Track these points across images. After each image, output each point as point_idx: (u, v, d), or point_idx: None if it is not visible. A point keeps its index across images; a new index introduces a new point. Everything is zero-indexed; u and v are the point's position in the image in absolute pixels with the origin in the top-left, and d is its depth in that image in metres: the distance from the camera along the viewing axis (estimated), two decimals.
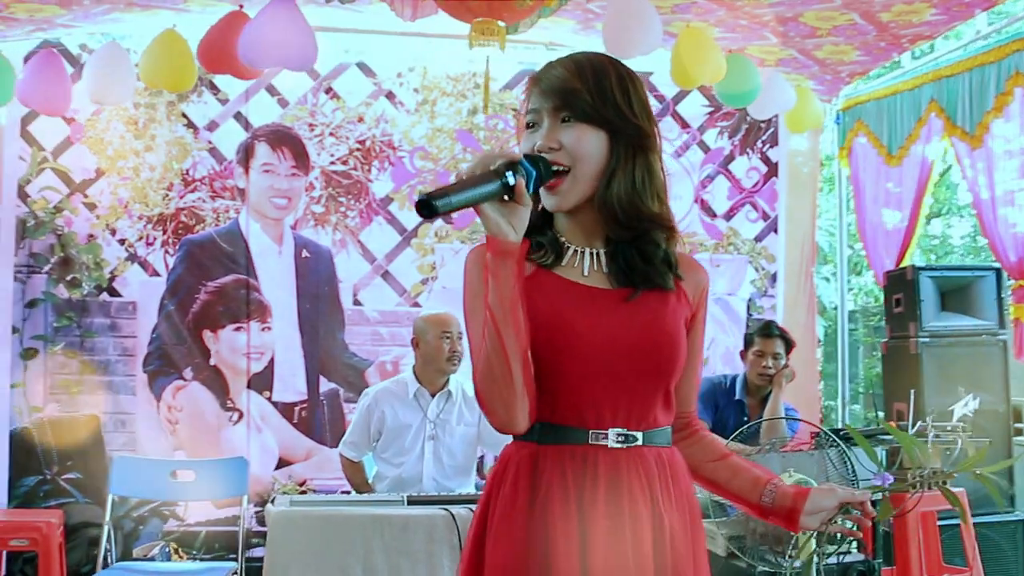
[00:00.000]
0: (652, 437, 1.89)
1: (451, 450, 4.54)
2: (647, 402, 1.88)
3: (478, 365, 1.80)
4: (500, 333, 1.75)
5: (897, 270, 5.57)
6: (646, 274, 1.89)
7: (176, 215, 5.69)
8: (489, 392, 1.79)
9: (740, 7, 4.95)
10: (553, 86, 1.87)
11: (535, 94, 1.90)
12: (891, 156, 5.76)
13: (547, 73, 1.90)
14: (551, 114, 1.87)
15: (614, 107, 1.87)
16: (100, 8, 5.03)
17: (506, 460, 1.91)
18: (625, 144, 1.88)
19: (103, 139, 5.63)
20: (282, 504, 3.84)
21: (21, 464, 5.44)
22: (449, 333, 4.52)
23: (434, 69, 5.95)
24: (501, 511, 1.87)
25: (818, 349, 8.57)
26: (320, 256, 5.83)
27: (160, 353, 5.63)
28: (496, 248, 1.74)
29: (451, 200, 1.67)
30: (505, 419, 1.81)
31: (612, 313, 1.86)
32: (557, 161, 1.84)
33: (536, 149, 1.85)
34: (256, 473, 5.50)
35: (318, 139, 5.84)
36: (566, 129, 1.86)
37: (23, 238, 5.53)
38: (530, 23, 4.02)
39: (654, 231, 1.90)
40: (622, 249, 1.90)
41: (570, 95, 1.85)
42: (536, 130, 1.88)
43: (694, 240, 6.18)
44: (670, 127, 6.19)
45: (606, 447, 1.85)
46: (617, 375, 1.85)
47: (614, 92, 1.87)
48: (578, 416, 1.85)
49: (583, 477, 1.83)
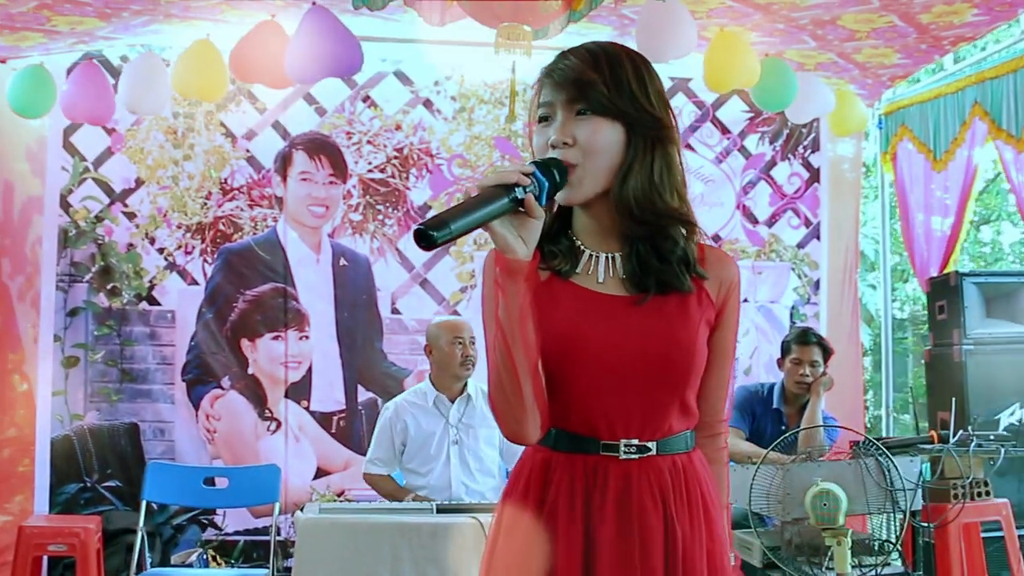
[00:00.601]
0: (667, 445, 1.86)
1: (476, 453, 4.53)
2: (661, 412, 1.85)
3: (491, 377, 1.78)
4: (510, 348, 1.73)
5: (940, 276, 5.47)
6: (662, 275, 1.84)
7: (214, 224, 5.73)
8: (500, 404, 1.79)
9: (777, 11, 4.89)
10: (567, 77, 1.81)
11: (548, 86, 1.84)
12: (937, 160, 5.65)
13: (560, 64, 1.84)
14: (565, 107, 1.81)
15: (631, 98, 1.81)
16: (139, 20, 5.08)
17: (523, 463, 1.91)
18: (643, 136, 1.82)
19: (143, 149, 5.69)
20: (311, 512, 3.85)
21: (62, 471, 5.51)
22: (461, 338, 4.53)
23: (471, 77, 5.94)
24: (511, 514, 1.88)
25: (866, 358, 8.49)
26: (358, 264, 5.84)
27: (198, 362, 5.67)
28: (505, 265, 1.70)
29: (451, 228, 1.58)
30: (516, 430, 1.80)
31: (625, 322, 1.83)
32: (568, 160, 1.79)
33: (550, 143, 1.81)
34: (294, 483, 5.53)
35: (356, 147, 5.86)
36: (581, 123, 1.81)
37: (65, 247, 5.61)
38: (559, 27, 3.99)
39: (672, 227, 1.85)
40: (638, 250, 1.85)
41: (585, 87, 1.80)
42: (549, 124, 1.83)
43: (736, 247, 6.13)
44: (710, 133, 6.15)
45: (617, 458, 1.83)
46: (629, 386, 1.82)
47: (630, 82, 1.82)
48: (590, 426, 1.83)
49: (592, 488, 1.82)
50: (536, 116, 1.87)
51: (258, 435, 5.68)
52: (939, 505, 4.12)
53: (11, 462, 5.44)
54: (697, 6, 4.85)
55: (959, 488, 4.09)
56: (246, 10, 4.95)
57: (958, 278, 5.19)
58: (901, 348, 9.19)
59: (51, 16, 4.91)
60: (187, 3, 4.87)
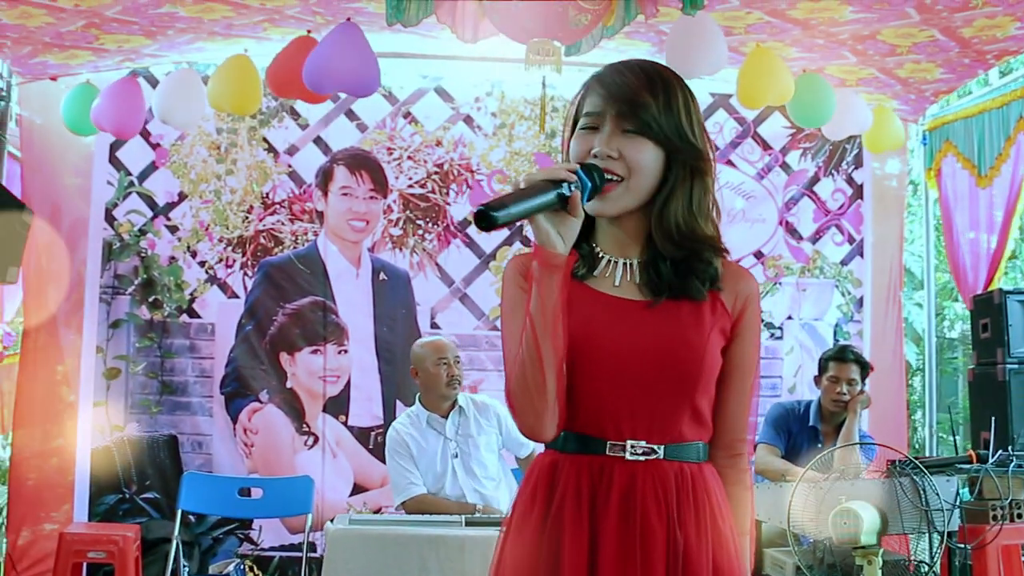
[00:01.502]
0: (676, 452, 1.87)
1: (479, 460, 4.54)
2: (670, 415, 1.86)
3: (513, 371, 1.81)
4: (539, 343, 1.77)
5: (984, 294, 5.38)
6: (677, 286, 1.88)
7: (255, 237, 5.80)
8: (521, 399, 1.81)
9: (815, 26, 4.86)
10: (623, 93, 1.85)
11: (598, 95, 1.87)
12: (981, 177, 5.56)
13: (616, 78, 1.87)
14: (614, 121, 1.85)
15: (677, 127, 1.86)
16: (184, 38, 5.18)
17: (532, 468, 1.95)
18: (683, 164, 1.87)
19: (186, 163, 5.78)
20: (341, 523, 3.87)
21: (102, 482, 5.57)
22: (446, 359, 4.56)
23: (511, 93, 5.97)
24: (519, 516, 1.90)
25: (915, 377, 8.37)
26: (397, 279, 5.87)
27: (237, 375, 5.71)
28: (544, 259, 1.75)
29: (510, 211, 1.67)
30: (534, 425, 1.83)
31: (637, 324, 1.86)
32: (612, 170, 1.83)
33: (593, 154, 1.84)
34: (330, 499, 5.53)
35: (396, 163, 5.90)
36: (628, 140, 1.84)
37: (109, 260, 5.70)
38: (592, 42, 4.00)
39: (706, 251, 1.89)
40: (659, 259, 1.89)
41: (639, 107, 1.84)
42: (593, 133, 1.86)
43: (780, 263, 6.08)
44: (751, 149, 6.11)
45: (623, 459, 1.85)
46: (639, 386, 1.84)
47: (680, 111, 1.87)
48: (598, 426, 1.86)
49: (598, 488, 1.84)
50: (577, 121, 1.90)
51: (295, 449, 5.70)
52: (977, 526, 4.04)
53: (58, 472, 5.54)
54: (735, 22, 4.84)
55: (998, 509, 4.02)
56: (288, 27, 5.02)
57: (1002, 296, 5.10)
58: (951, 368, 9.03)
59: (99, 35, 5.02)
60: (230, 21, 4.95)
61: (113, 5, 4.64)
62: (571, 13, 3.45)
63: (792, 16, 4.77)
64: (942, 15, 4.63)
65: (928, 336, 6.36)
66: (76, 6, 4.62)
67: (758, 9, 4.72)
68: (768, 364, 6.05)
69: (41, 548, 5.35)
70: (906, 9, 4.61)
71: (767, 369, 6.04)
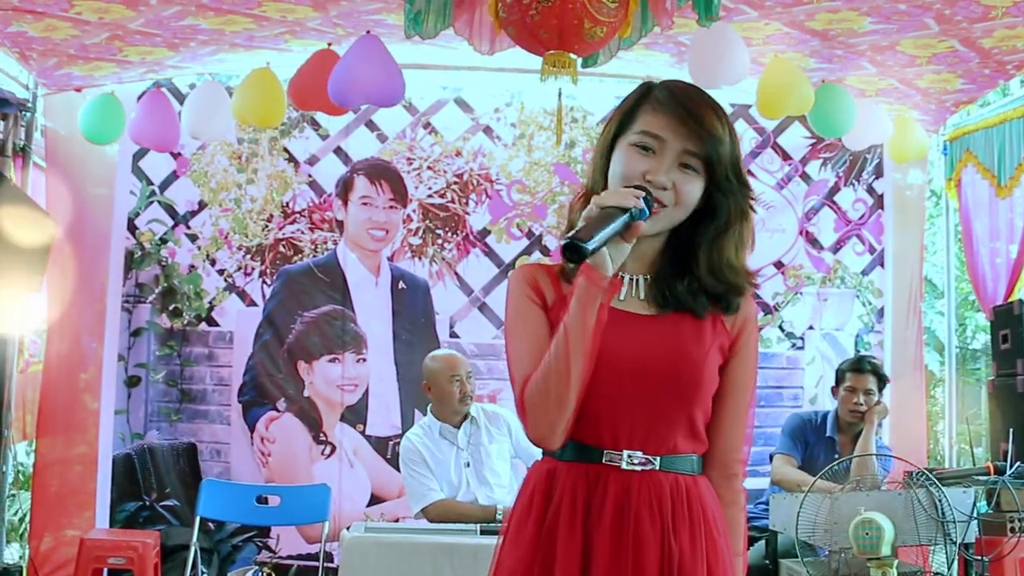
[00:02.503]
0: (671, 463, 1.89)
1: (492, 469, 4.56)
2: (667, 427, 1.89)
3: (532, 380, 1.82)
4: (570, 357, 1.78)
5: (1004, 305, 5.35)
6: (683, 301, 1.91)
7: (275, 246, 5.83)
8: (540, 408, 1.82)
9: (834, 36, 4.86)
10: (693, 130, 1.85)
11: (664, 117, 1.86)
12: (1001, 187, 5.54)
13: (684, 109, 1.86)
14: (677, 151, 1.85)
15: (735, 167, 1.89)
16: (206, 49, 5.23)
17: (531, 474, 1.97)
18: (736, 203, 1.89)
19: (207, 172, 5.83)
20: (356, 531, 3.89)
21: (123, 489, 5.63)
22: (458, 375, 4.59)
23: (531, 104, 5.99)
24: (515, 522, 1.93)
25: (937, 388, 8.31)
26: (417, 288, 5.89)
27: (255, 383, 5.74)
28: (593, 279, 1.78)
29: (597, 240, 1.70)
30: (546, 435, 1.85)
31: (638, 336, 1.88)
32: (660, 200, 1.84)
33: (647, 178, 1.84)
34: (347, 509, 5.52)
35: (416, 172, 5.93)
36: (683, 175, 1.86)
37: (130, 269, 5.76)
38: (609, 54, 4.01)
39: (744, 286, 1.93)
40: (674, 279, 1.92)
41: (705, 145, 1.85)
42: (648, 155, 1.86)
43: (801, 273, 6.07)
44: (771, 159, 6.11)
45: (619, 468, 1.87)
46: (638, 398, 1.87)
47: (737, 151, 1.90)
48: (596, 436, 1.88)
49: (593, 497, 1.86)
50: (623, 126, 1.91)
51: (312, 459, 5.71)
52: (994, 538, 4.02)
53: (81, 479, 5.59)
54: (754, 33, 4.85)
55: (1016, 521, 3.99)
56: (309, 39, 5.07)
57: (1021, 307, 5.08)
58: (974, 379, 8.96)
59: (122, 47, 5.08)
60: (252, 33, 5.00)
61: (136, 18, 4.70)
62: (586, 26, 3.46)
63: (811, 27, 4.77)
64: (961, 26, 4.62)
65: (948, 346, 6.32)
66: (100, 19, 4.68)
67: (776, 20, 4.72)
68: (789, 374, 6.04)
69: (63, 554, 5.39)
70: (925, 20, 4.60)
71: (788, 380, 6.03)
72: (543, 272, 1.96)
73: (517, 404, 1.87)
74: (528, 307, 1.91)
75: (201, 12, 4.70)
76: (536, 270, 1.97)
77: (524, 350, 1.88)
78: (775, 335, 6.03)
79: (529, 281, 1.93)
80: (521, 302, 1.92)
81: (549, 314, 1.90)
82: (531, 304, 1.91)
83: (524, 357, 1.87)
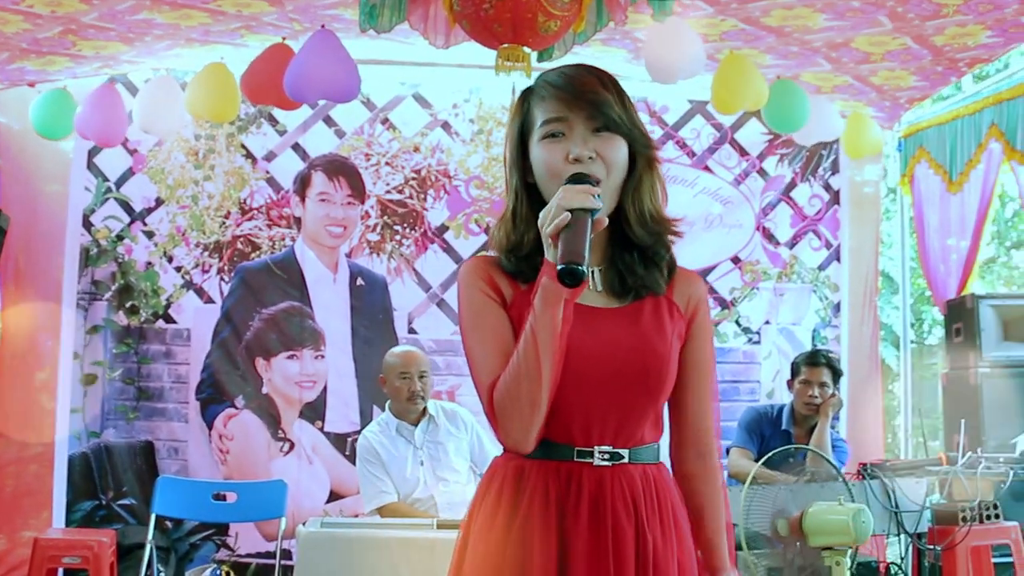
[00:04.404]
0: (639, 455, 1.89)
1: (450, 467, 4.54)
2: (635, 421, 1.88)
3: (502, 384, 1.79)
4: (540, 359, 1.75)
5: (957, 299, 5.42)
6: (640, 282, 1.90)
7: (232, 243, 5.80)
8: (512, 412, 1.79)
9: (789, 33, 4.90)
10: (584, 95, 1.85)
11: (558, 100, 1.86)
12: (952, 182, 5.61)
13: (571, 82, 1.87)
14: (584, 122, 1.85)
15: (631, 119, 1.88)
16: (161, 44, 5.19)
17: (492, 472, 1.93)
18: (643, 154, 1.90)
19: (164, 169, 5.79)
20: (313, 526, 3.87)
21: (79, 488, 5.57)
22: (408, 374, 4.55)
23: (489, 99, 5.99)
24: (481, 522, 1.89)
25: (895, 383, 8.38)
26: (375, 284, 5.87)
27: (212, 381, 5.69)
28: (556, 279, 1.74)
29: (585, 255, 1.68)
30: (520, 439, 1.82)
31: (603, 332, 1.87)
32: (593, 174, 1.83)
33: (572, 157, 1.83)
34: (307, 506, 5.49)
35: (374, 168, 5.92)
36: (601, 140, 1.85)
37: (86, 266, 5.70)
38: (564, 48, 4.02)
39: (669, 234, 1.93)
40: (622, 260, 1.91)
41: (603, 105, 1.85)
42: (561, 140, 1.85)
43: (757, 268, 6.11)
44: (729, 155, 6.14)
45: (591, 464, 1.85)
46: (606, 393, 1.85)
47: (629, 104, 1.90)
48: (566, 433, 1.86)
49: (567, 494, 1.84)
50: (525, 132, 1.91)
51: (271, 455, 5.67)
52: (946, 528, 4.07)
53: (37, 479, 5.53)
54: (710, 29, 4.87)
55: (967, 511, 4.05)
56: (265, 34, 5.04)
57: (974, 300, 5.15)
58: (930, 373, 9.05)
59: (76, 41, 5.03)
60: (207, 27, 4.96)
61: (90, 11, 4.65)
62: (540, 19, 3.46)
63: (766, 23, 4.80)
64: (914, 23, 4.67)
65: (904, 341, 6.39)
66: (53, 12, 4.63)
67: (732, 16, 4.75)
68: (746, 369, 6.08)
69: (19, 555, 5.33)
70: (878, 17, 4.64)
71: (745, 374, 6.07)
72: (495, 267, 1.91)
73: (486, 410, 1.82)
74: (486, 304, 1.87)
75: (156, 6, 4.66)
76: (487, 263, 1.92)
77: (488, 352, 1.83)
78: (732, 330, 6.07)
79: (483, 276, 1.89)
80: (477, 298, 1.87)
81: (510, 312, 1.86)
82: (489, 301, 1.87)
83: (488, 359, 1.83)
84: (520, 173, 1.91)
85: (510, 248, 1.90)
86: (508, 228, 1.91)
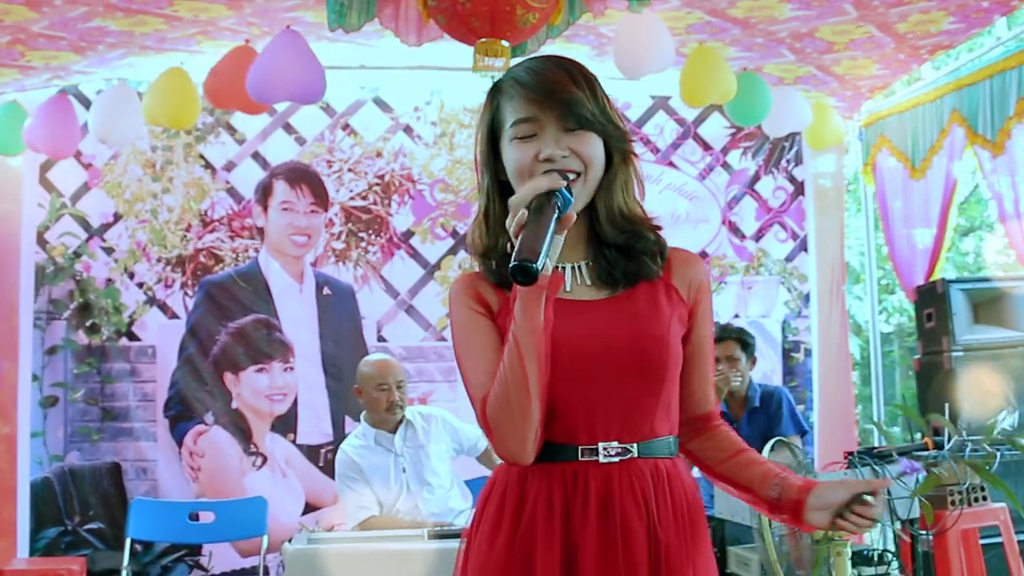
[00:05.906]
0: (649, 448, 1.82)
1: (433, 471, 4.49)
2: (641, 412, 1.82)
3: (491, 397, 1.74)
4: (525, 365, 1.70)
5: (927, 284, 5.43)
6: (630, 268, 1.85)
7: (195, 256, 5.67)
8: (505, 424, 1.74)
9: (755, 24, 4.89)
10: (554, 93, 1.80)
11: (528, 100, 1.81)
12: (915, 169, 5.63)
13: (540, 80, 1.81)
14: (555, 122, 1.80)
15: (605, 114, 1.83)
16: (115, 53, 5.05)
17: (495, 479, 1.88)
18: (618, 149, 1.85)
19: (120, 183, 5.64)
20: (299, 543, 3.78)
21: (42, 515, 5.40)
22: (386, 384, 4.50)
23: (451, 102, 5.92)
24: (484, 531, 1.84)
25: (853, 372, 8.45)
26: (342, 293, 5.78)
27: (180, 397, 5.57)
28: None
29: (543, 251, 1.62)
30: (517, 450, 1.76)
31: (595, 323, 1.82)
32: (569, 168, 1.79)
33: (543, 157, 1.78)
34: (282, 520, 5.39)
35: (337, 175, 5.82)
36: (574, 137, 1.80)
37: (42, 285, 5.54)
38: (538, 43, 3.96)
39: (644, 230, 1.87)
40: (606, 253, 1.86)
41: (574, 103, 1.79)
42: (532, 140, 1.80)
43: (724, 262, 6.10)
44: (692, 150, 6.13)
45: (597, 463, 1.79)
46: (606, 386, 1.80)
47: (602, 98, 1.84)
48: (568, 433, 1.80)
49: (573, 497, 1.78)
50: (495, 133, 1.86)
51: (244, 471, 5.56)
52: (937, 512, 4.05)
53: None
54: (675, 22, 4.84)
55: (956, 495, 4.03)
56: (223, 39, 4.93)
57: (945, 285, 5.16)
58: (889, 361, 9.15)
59: (24, 51, 4.88)
60: (162, 34, 4.84)
61: (39, 20, 4.51)
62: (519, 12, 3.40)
63: (732, 15, 4.78)
64: (878, 11, 4.68)
65: (872, 329, 6.42)
66: (0, 21, 4.48)
67: (698, 9, 4.73)
68: None
69: None
70: (843, 6, 4.65)
71: None
72: (481, 280, 1.88)
73: (481, 424, 1.78)
74: (473, 320, 1.83)
75: (109, 13, 4.53)
76: (474, 279, 1.88)
77: (478, 366, 1.80)
78: None
79: (469, 292, 1.85)
80: (465, 315, 1.84)
81: (497, 321, 1.83)
82: (476, 316, 1.83)
83: (479, 373, 1.79)
84: (492, 172, 1.87)
85: (486, 250, 1.87)
86: (482, 230, 1.88)
